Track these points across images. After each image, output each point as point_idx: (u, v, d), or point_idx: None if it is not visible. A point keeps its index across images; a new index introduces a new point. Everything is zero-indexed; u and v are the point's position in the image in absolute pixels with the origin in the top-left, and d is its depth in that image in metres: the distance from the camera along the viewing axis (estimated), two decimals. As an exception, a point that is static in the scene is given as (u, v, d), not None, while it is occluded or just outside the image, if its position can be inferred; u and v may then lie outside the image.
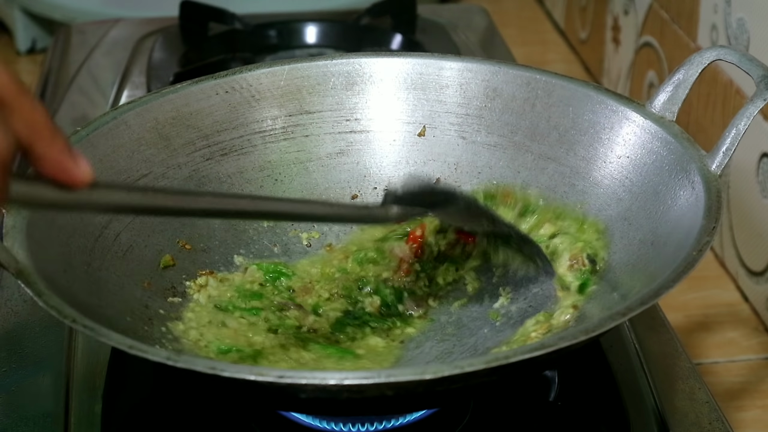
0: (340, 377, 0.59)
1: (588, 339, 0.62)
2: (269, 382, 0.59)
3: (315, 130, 0.86)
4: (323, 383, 0.59)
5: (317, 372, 0.64)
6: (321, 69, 0.87)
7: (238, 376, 0.59)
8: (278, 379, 0.59)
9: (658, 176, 0.76)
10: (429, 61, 0.87)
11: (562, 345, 0.61)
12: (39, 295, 0.64)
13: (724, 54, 0.77)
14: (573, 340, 0.61)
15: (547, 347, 0.60)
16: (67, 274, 0.70)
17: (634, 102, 0.80)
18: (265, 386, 0.61)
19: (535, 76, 0.84)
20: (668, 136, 0.77)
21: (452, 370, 0.59)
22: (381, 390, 0.60)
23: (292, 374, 0.59)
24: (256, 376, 0.59)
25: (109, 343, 0.62)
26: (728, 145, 0.74)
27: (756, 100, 0.74)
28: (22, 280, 0.65)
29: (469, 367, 0.59)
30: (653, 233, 0.74)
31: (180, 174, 0.82)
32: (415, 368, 0.60)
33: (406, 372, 0.60)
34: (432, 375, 0.59)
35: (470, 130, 0.85)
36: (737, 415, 0.97)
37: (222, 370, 0.59)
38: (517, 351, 0.60)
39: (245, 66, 0.86)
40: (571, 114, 0.82)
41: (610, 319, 0.63)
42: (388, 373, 0.59)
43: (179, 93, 0.83)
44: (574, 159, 0.82)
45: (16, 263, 0.66)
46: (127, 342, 0.62)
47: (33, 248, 0.68)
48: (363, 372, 0.60)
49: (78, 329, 0.63)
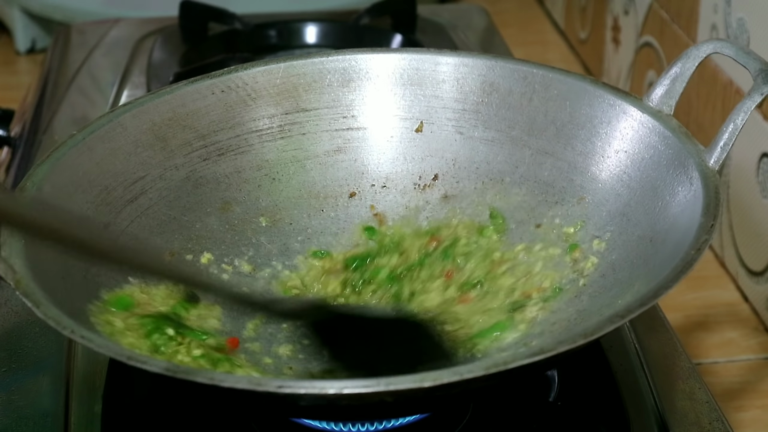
0: (339, 386, 0.59)
1: (587, 342, 0.62)
2: (268, 392, 0.59)
3: (312, 127, 0.86)
4: (322, 393, 0.59)
5: (316, 381, 0.64)
6: (317, 66, 0.86)
7: (237, 387, 0.59)
8: (277, 389, 0.59)
9: (656, 171, 0.76)
10: (425, 57, 0.86)
11: (561, 349, 0.60)
12: (37, 305, 0.64)
13: (721, 47, 0.77)
14: (572, 344, 0.61)
15: (546, 352, 0.60)
16: (65, 281, 0.70)
17: (631, 96, 0.80)
18: (264, 396, 0.61)
19: (532, 71, 0.84)
20: (666, 131, 0.77)
21: (451, 377, 0.59)
22: (380, 397, 0.60)
23: (291, 384, 0.59)
24: (254, 386, 0.59)
25: (108, 354, 0.62)
26: (726, 140, 0.74)
27: (753, 95, 0.74)
28: (20, 291, 0.65)
29: (469, 373, 0.59)
30: (652, 229, 0.74)
31: (177, 175, 0.82)
32: (414, 376, 0.60)
33: (405, 380, 0.59)
34: (431, 382, 0.58)
35: (467, 125, 0.85)
36: (737, 415, 0.97)
37: (221, 380, 0.59)
38: (516, 356, 0.60)
39: (240, 65, 0.86)
40: (569, 108, 0.82)
41: (610, 322, 0.62)
42: (388, 381, 0.59)
43: (175, 93, 0.83)
44: (572, 154, 0.81)
45: (14, 273, 0.66)
46: (126, 353, 0.62)
47: (30, 257, 0.67)
48: (362, 381, 0.60)
49: (76, 340, 0.63)
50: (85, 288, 0.71)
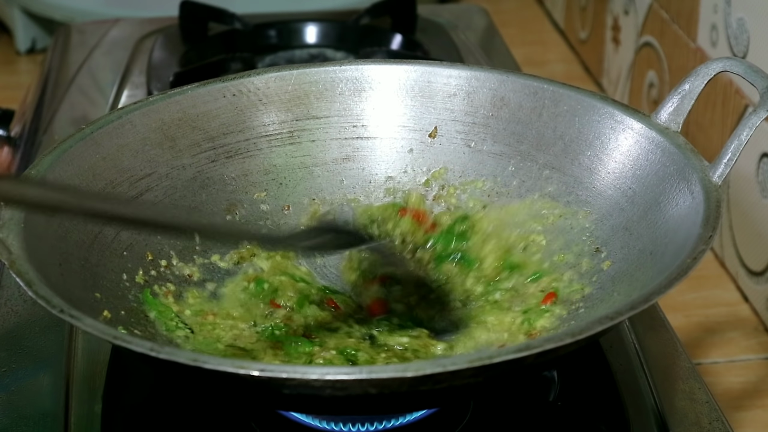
0: (321, 372, 0.59)
1: (574, 341, 0.61)
2: (251, 375, 0.59)
3: (321, 135, 0.86)
4: (305, 377, 0.59)
5: (299, 366, 0.64)
6: (329, 75, 0.87)
7: (219, 369, 0.59)
8: (260, 372, 0.59)
9: (660, 186, 0.76)
10: (436, 69, 0.87)
11: (547, 347, 0.60)
12: (29, 285, 0.65)
13: (730, 65, 0.78)
14: (559, 342, 0.61)
15: (532, 348, 0.60)
16: (63, 267, 0.70)
17: (639, 113, 0.80)
18: (247, 380, 0.61)
19: (542, 86, 0.84)
20: (672, 147, 0.77)
21: (434, 368, 0.59)
22: (363, 387, 0.60)
23: (273, 368, 0.59)
24: (237, 369, 0.59)
25: (94, 333, 0.62)
26: (730, 155, 0.74)
27: (759, 111, 0.74)
28: (13, 270, 0.66)
29: (452, 365, 0.59)
30: (653, 243, 0.74)
31: (184, 175, 0.82)
32: (397, 366, 0.60)
33: (387, 369, 0.60)
34: (413, 372, 0.59)
35: (476, 138, 0.86)
36: (737, 415, 0.97)
37: (204, 362, 0.59)
38: (501, 351, 0.60)
39: (253, 70, 0.86)
40: (577, 124, 0.82)
41: (598, 323, 0.62)
42: (370, 370, 0.59)
43: (186, 95, 0.84)
44: (578, 169, 0.82)
45: (9, 253, 0.67)
46: (111, 333, 0.62)
47: (28, 240, 0.68)
48: (344, 368, 0.60)
49: (65, 319, 0.63)
50: (82, 276, 0.71)
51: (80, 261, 0.72)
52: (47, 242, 0.70)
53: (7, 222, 0.69)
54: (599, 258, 0.78)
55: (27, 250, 0.67)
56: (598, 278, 0.77)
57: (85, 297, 0.70)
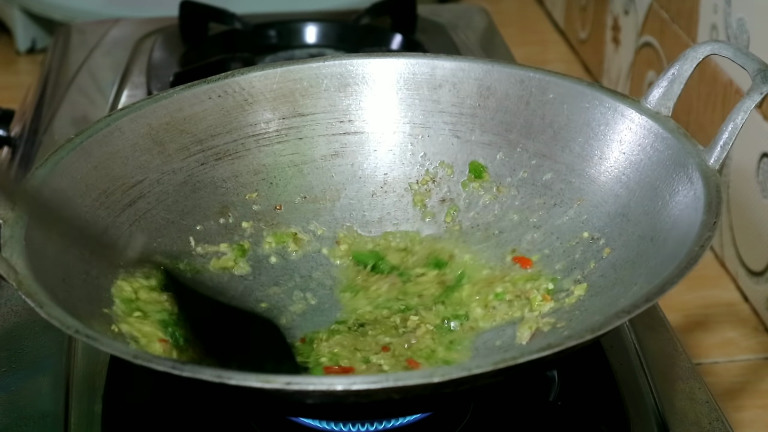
0: (347, 382, 0.59)
1: (595, 337, 0.62)
2: (276, 389, 0.59)
3: (309, 132, 0.86)
4: (331, 389, 0.59)
5: (325, 378, 0.63)
6: (313, 71, 0.86)
7: (245, 384, 0.59)
8: (286, 385, 0.59)
9: (655, 172, 0.76)
10: (421, 61, 0.86)
11: (569, 344, 0.61)
12: (40, 306, 0.64)
13: (719, 48, 0.77)
14: (580, 339, 0.61)
15: (553, 347, 0.60)
16: (66, 283, 0.70)
17: (628, 98, 0.80)
18: (272, 393, 0.61)
19: (528, 74, 0.84)
20: (664, 132, 0.77)
21: (460, 372, 0.59)
22: (388, 394, 0.60)
23: (300, 380, 0.59)
24: (263, 383, 0.59)
25: (114, 353, 0.62)
26: (725, 139, 0.74)
27: (752, 94, 0.74)
28: (22, 291, 0.65)
29: (477, 368, 0.59)
30: (652, 229, 0.74)
31: (175, 179, 0.82)
32: (423, 371, 0.60)
33: (414, 375, 0.60)
34: (440, 378, 0.59)
35: (464, 129, 0.85)
36: (737, 415, 0.98)
37: (228, 378, 0.59)
38: (524, 351, 0.60)
39: (237, 69, 0.86)
40: (566, 111, 0.82)
41: (616, 317, 0.63)
42: (396, 377, 0.59)
43: (172, 98, 0.83)
44: (569, 156, 0.82)
45: (15, 274, 0.66)
46: (132, 351, 0.62)
47: (31, 258, 0.67)
48: (371, 377, 0.60)
49: (81, 339, 0.63)
50: (85, 290, 0.71)
51: (82, 275, 0.72)
52: (48, 258, 0.69)
53: (9, 240, 0.68)
54: (598, 245, 0.78)
55: (32, 269, 0.67)
56: (598, 266, 0.77)
57: (92, 311, 0.70)
